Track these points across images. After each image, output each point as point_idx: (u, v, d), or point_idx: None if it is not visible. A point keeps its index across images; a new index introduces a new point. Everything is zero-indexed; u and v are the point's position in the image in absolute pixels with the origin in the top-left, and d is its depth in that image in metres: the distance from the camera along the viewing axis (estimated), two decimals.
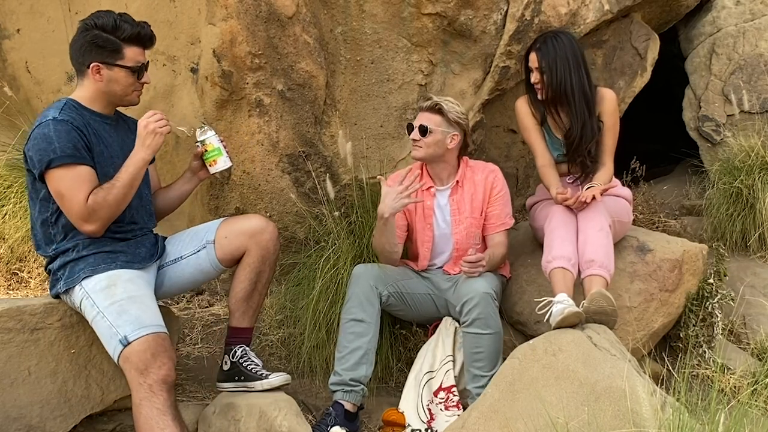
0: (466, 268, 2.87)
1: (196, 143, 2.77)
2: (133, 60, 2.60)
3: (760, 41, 4.20)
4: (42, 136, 2.46)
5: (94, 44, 2.56)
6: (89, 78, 2.59)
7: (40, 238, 2.62)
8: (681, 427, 2.00)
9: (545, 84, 3.12)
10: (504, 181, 3.15)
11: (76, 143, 2.48)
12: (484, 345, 2.81)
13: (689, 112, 4.37)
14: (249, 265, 2.77)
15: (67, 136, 2.46)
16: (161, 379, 2.35)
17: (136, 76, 2.62)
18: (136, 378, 2.35)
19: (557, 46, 3.11)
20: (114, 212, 2.52)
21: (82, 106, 2.61)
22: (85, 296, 2.48)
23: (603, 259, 2.83)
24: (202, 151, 2.76)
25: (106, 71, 2.58)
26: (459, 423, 2.53)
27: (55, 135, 2.45)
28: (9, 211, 3.59)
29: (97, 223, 2.49)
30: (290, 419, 2.59)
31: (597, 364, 2.39)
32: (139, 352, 2.35)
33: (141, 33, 2.61)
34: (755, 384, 2.91)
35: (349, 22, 3.51)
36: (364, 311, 2.89)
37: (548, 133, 3.32)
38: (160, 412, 2.33)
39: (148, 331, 2.38)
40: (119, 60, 2.58)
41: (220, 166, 2.76)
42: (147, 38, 2.64)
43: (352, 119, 3.61)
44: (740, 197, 3.76)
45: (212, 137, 2.75)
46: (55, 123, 2.47)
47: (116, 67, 2.58)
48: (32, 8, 3.72)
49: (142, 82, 2.66)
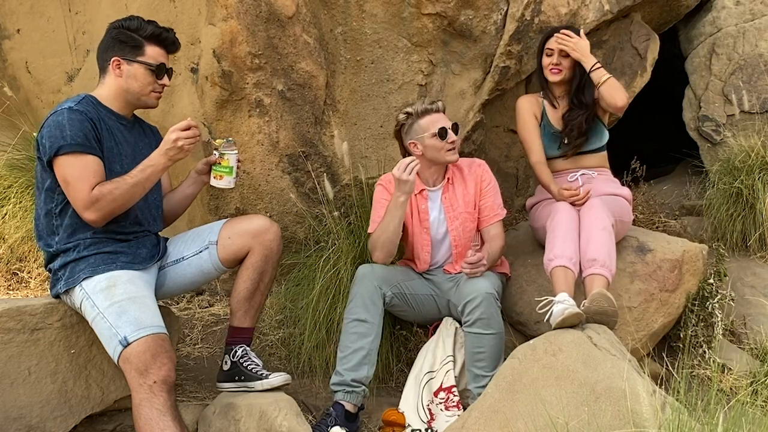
0: (467, 269, 2.86)
1: (215, 151, 2.76)
2: (154, 58, 2.64)
3: (760, 41, 4.20)
4: (55, 123, 2.49)
5: (117, 40, 2.63)
6: (110, 74, 2.64)
7: (42, 229, 2.62)
8: (680, 427, 2.00)
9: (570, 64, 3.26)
10: (491, 173, 3.15)
11: (87, 133, 2.50)
12: (486, 345, 2.81)
13: (689, 112, 4.37)
14: (252, 264, 2.77)
15: (80, 126, 2.49)
16: (161, 380, 2.35)
17: (155, 75, 2.64)
18: (136, 379, 2.35)
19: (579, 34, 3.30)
20: (118, 207, 2.53)
21: (100, 103, 2.64)
22: (85, 297, 2.48)
23: (605, 259, 2.83)
24: (217, 161, 2.75)
25: (126, 66, 2.62)
26: (459, 423, 2.53)
27: (68, 123, 2.48)
28: (9, 211, 3.59)
29: (99, 213, 2.49)
30: (290, 419, 2.59)
31: (597, 364, 2.39)
32: (138, 353, 2.35)
33: (163, 34, 2.67)
34: (755, 384, 2.91)
35: (349, 22, 3.51)
36: (368, 311, 2.89)
37: (547, 128, 3.34)
38: (160, 412, 2.33)
39: (148, 331, 2.38)
40: (139, 56, 2.62)
41: (223, 184, 2.75)
42: (170, 41, 2.69)
43: (352, 119, 3.61)
44: (740, 197, 3.76)
45: (232, 155, 2.73)
46: (69, 112, 2.50)
47: (136, 63, 2.62)
48: (32, 8, 3.72)
49: (161, 83, 2.68)
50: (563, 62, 3.28)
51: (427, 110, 3.00)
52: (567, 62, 3.28)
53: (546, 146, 3.35)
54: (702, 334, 3.21)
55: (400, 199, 2.89)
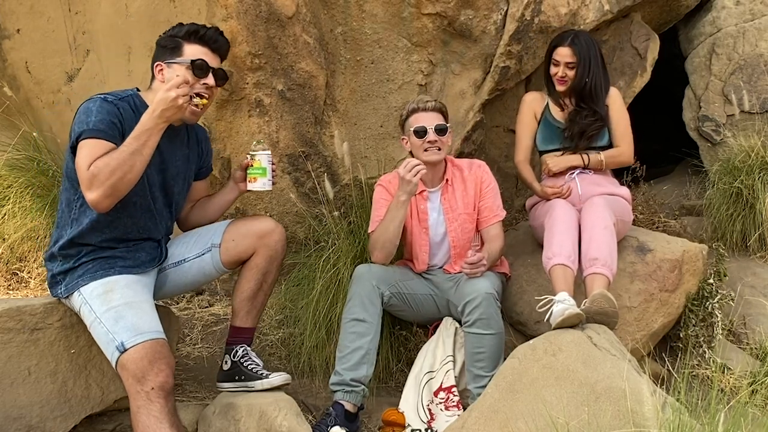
0: (467, 269, 2.86)
1: (247, 155, 2.73)
2: (193, 55, 2.51)
3: (760, 41, 4.20)
4: (85, 109, 2.43)
5: (159, 45, 2.57)
6: (156, 81, 2.56)
7: (61, 217, 2.56)
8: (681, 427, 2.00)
9: (576, 77, 3.29)
10: (491, 174, 3.16)
11: (112, 123, 2.41)
12: (486, 345, 2.81)
13: (689, 112, 4.37)
14: (256, 265, 2.76)
15: (108, 115, 2.40)
16: (159, 386, 2.30)
17: (195, 73, 2.49)
18: (133, 386, 2.31)
19: (588, 43, 3.31)
20: (119, 181, 2.34)
21: (143, 102, 2.54)
22: (84, 302, 2.46)
23: (606, 258, 2.83)
24: (249, 164, 2.72)
25: (167, 71, 2.52)
26: (459, 423, 2.53)
27: (96, 110, 2.41)
28: (9, 211, 3.59)
29: (100, 190, 2.32)
30: (290, 419, 2.59)
31: (597, 364, 2.39)
32: (135, 359, 2.31)
33: (201, 31, 2.53)
34: (755, 384, 2.91)
35: (349, 22, 3.51)
36: (366, 311, 2.89)
37: (548, 121, 3.35)
38: (158, 419, 2.29)
39: (145, 338, 2.34)
40: (178, 57, 2.51)
41: (258, 186, 2.71)
42: (210, 38, 2.54)
43: (352, 119, 3.61)
44: (740, 197, 3.76)
45: (263, 155, 2.69)
46: (101, 101, 2.44)
47: (175, 64, 2.51)
48: (32, 8, 3.72)
49: (204, 83, 2.52)
50: (569, 73, 3.31)
51: (416, 109, 3.06)
52: (572, 73, 3.31)
53: (545, 139, 3.37)
54: (702, 334, 3.21)
55: (401, 198, 2.89)
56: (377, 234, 2.98)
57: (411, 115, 3.06)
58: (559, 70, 3.31)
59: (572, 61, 3.28)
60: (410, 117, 3.06)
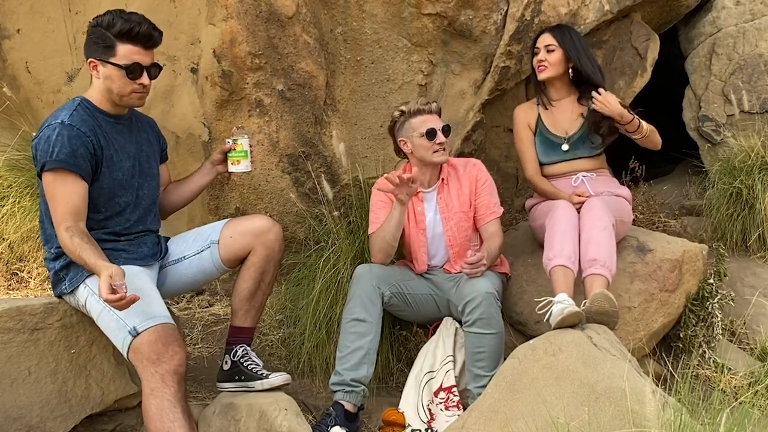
0: (467, 269, 2.85)
1: (228, 140, 2.85)
2: (127, 58, 2.48)
3: (760, 41, 4.20)
4: (46, 138, 2.45)
5: (91, 40, 2.53)
6: (94, 79, 2.57)
7: (48, 233, 2.59)
8: (682, 427, 2.00)
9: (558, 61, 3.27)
10: (487, 172, 3.16)
11: (76, 150, 2.44)
12: (486, 345, 2.81)
13: (689, 112, 4.37)
14: (254, 264, 2.77)
15: (69, 142, 2.43)
16: (173, 370, 2.31)
17: (130, 76, 2.50)
18: (147, 368, 2.31)
19: (570, 30, 3.35)
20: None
21: (95, 107, 2.57)
22: (90, 293, 2.47)
23: (606, 259, 2.83)
24: (231, 148, 2.82)
25: (102, 68, 2.52)
26: (459, 423, 2.53)
27: (57, 139, 2.43)
28: (9, 211, 3.59)
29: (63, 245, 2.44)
30: (290, 419, 2.59)
31: (597, 364, 2.39)
32: (149, 342, 2.32)
33: (134, 30, 2.47)
34: (755, 384, 2.91)
35: (349, 22, 3.50)
36: (366, 311, 2.89)
37: (544, 134, 3.34)
38: (171, 403, 2.30)
39: (156, 321, 2.36)
40: (111, 57, 2.49)
41: (241, 168, 2.84)
42: (143, 36, 2.49)
43: (352, 119, 3.61)
44: (740, 197, 3.75)
45: (244, 140, 2.83)
46: (61, 127, 2.45)
47: (109, 64, 2.50)
48: (32, 8, 3.71)
49: (140, 83, 2.53)
50: (548, 57, 3.30)
51: (420, 110, 3.05)
52: (552, 58, 3.29)
53: (544, 152, 3.35)
54: (702, 334, 3.21)
55: (401, 198, 2.90)
56: (376, 235, 3.00)
57: (414, 117, 3.04)
58: (539, 56, 3.32)
59: (551, 43, 3.29)
60: (413, 119, 3.04)
